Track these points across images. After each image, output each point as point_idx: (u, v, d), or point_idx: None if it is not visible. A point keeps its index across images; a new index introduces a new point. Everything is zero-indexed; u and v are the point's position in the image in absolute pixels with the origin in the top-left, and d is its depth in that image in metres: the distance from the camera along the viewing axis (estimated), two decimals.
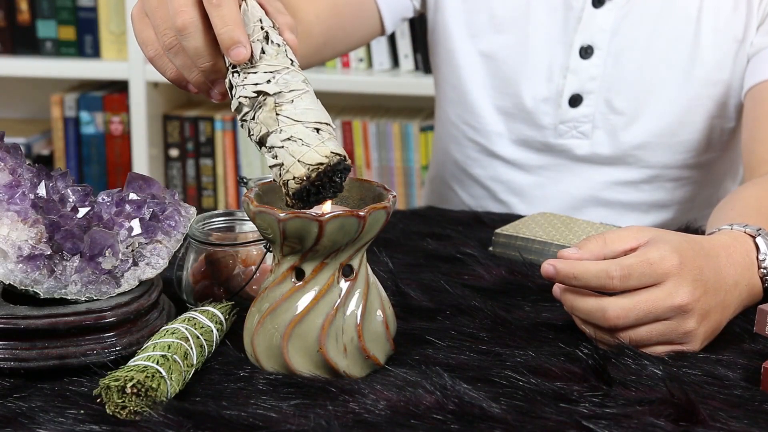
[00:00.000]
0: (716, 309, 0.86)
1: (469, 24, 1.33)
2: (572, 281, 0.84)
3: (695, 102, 1.29)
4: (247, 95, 0.80)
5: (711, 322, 0.86)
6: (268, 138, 0.79)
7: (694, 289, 0.84)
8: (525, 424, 0.73)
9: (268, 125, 0.79)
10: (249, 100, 0.80)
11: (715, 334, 0.87)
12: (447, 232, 1.16)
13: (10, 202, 0.83)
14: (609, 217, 1.33)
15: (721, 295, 0.86)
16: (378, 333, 0.81)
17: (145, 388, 0.73)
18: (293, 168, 0.77)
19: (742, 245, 0.91)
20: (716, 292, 0.86)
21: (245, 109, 0.81)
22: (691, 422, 0.73)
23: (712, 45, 1.26)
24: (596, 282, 0.83)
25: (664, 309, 0.83)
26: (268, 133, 0.79)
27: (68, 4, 2.31)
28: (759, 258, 0.91)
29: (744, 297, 0.90)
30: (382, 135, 2.29)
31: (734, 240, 0.91)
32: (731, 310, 0.88)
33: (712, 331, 0.86)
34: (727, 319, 0.89)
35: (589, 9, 1.28)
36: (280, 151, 0.78)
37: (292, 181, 0.77)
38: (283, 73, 0.81)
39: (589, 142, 1.31)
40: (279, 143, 0.78)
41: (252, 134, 0.80)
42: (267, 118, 0.79)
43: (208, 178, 2.38)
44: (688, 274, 0.84)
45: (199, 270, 0.93)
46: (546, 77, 1.31)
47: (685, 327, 0.84)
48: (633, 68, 1.29)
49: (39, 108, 2.51)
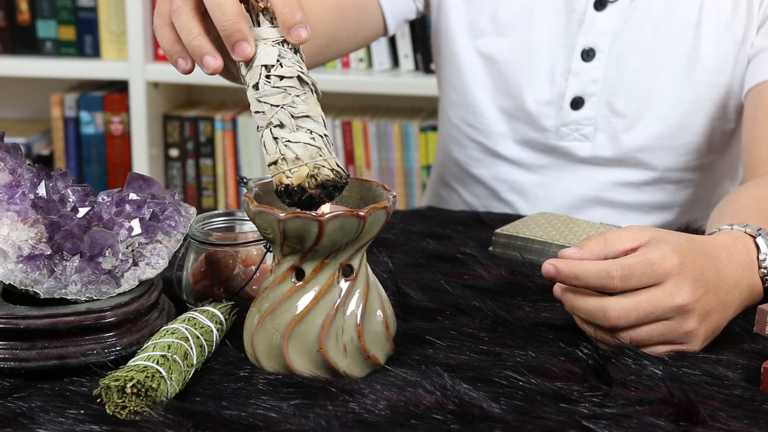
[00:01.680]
0: (717, 309, 0.86)
1: (472, 26, 1.34)
2: (573, 281, 0.84)
3: (696, 104, 1.29)
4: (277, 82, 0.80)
5: (712, 323, 0.86)
6: (281, 130, 0.79)
7: (695, 289, 0.84)
8: (525, 424, 0.73)
9: (281, 118, 0.79)
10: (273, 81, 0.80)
11: (716, 334, 0.87)
12: (447, 232, 1.16)
13: (10, 202, 0.83)
14: (611, 217, 1.33)
15: (721, 295, 0.86)
16: (378, 333, 0.81)
17: (145, 388, 0.73)
18: (294, 171, 0.77)
19: (743, 245, 0.91)
20: (717, 292, 0.86)
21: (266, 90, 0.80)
22: (691, 422, 0.73)
23: (713, 47, 1.26)
24: (597, 282, 0.83)
25: (664, 309, 0.83)
26: (282, 125, 0.79)
27: (68, 4, 2.31)
28: (759, 258, 0.91)
29: (744, 297, 0.90)
30: (382, 135, 2.29)
31: (735, 240, 0.91)
32: (732, 311, 0.88)
33: (712, 332, 0.86)
34: (728, 319, 0.88)
35: (591, 12, 1.28)
36: (282, 147, 0.78)
37: (290, 184, 0.78)
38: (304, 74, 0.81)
39: (590, 144, 1.32)
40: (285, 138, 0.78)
41: (263, 112, 0.80)
42: (283, 110, 0.79)
43: (208, 178, 2.38)
44: (689, 274, 0.84)
45: (199, 270, 0.93)
46: (548, 80, 1.31)
47: (685, 327, 0.84)
48: (634, 71, 1.29)
49: (39, 108, 2.51)
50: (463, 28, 1.34)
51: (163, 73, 2.28)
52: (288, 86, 0.80)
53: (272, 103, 0.79)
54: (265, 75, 0.80)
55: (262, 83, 0.80)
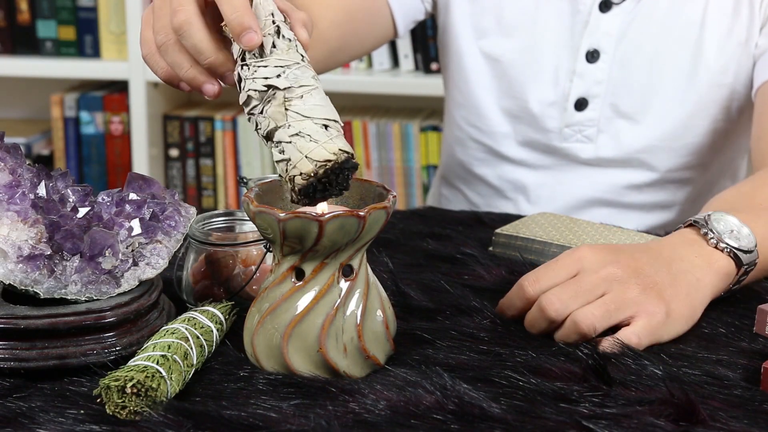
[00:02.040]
0: (662, 276, 0.88)
1: (477, 27, 1.34)
2: (509, 312, 0.90)
3: (700, 106, 1.29)
4: (257, 89, 0.80)
5: (666, 290, 0.87)
6: (276, 132, 0.79)
7: (617, 260, 0.87)
8: (525, 424, 0.73)
9: (277, 120, 0.79)
10: (258, 94, 0.80)
11: (692, 304, 0.89)
12: (447, 232, 1.16)
13: (10, 202, 0.83)
14: (612, 217, 1.33)
15: (662, 264, 0.88)
16: (378, 333, 0.81)
17: (145, 388, 0.73)
18: (300, 164, 0.77)
19: (677, 233, 0.94)
20: (652, 263, 0.88)
21: (254, 103, 0.80)
22: (691, 422, 0.73)
23: (717, 49, 1.26)
24: (518, 299, 0.89)
25: (593, 282, 0.86)
26: (276, 127, 0.79)
27: (68, 4, 2.31)
28: (701, 233, 0.93)
29: (702, 266, 0.91)
30: (382, 135, 2.29)
31: (668, 234, 0.95)
32: (692, 280, 0.89)
33: (678, 300, 0.87)
34: (698, 288, 0.89)
35: (595, 13, 1.28)
36: (287, 146, 0.78)
37: (299, 177, 0.77)
38: (293, 68, 0.81)
39: (593, 146, 1.32)
40: (287, 138, 0.78)
41: (259, 128, 0.80)
42: (276, 112, 0.79)
43: (208, 178, 2.38)
44: (603, 249, 0.89)
45: (199, 270, 0.93)
46: (552, 81, 1.31)
47: (630, 294, 0.86)
48: (638, 73, 1.29)
49: (39, 108, 2.51)
50: (467, 28, 1.34)
51: None
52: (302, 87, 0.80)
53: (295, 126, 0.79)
54: (274, 96, 0.80)
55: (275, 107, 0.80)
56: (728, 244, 0.92)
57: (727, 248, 0.92)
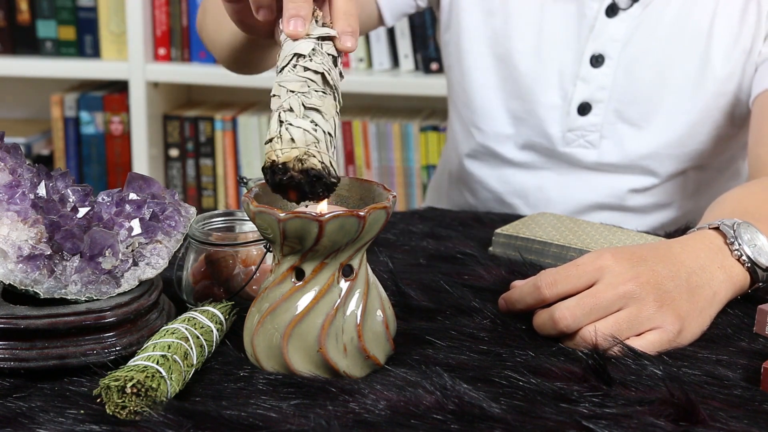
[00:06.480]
0: (681, 292, 0.86)
1: (484, 27, 1.33)
2: (518, 306, 0.89)
3: (705, 114, 1.28)
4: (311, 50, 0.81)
5: (682, 306, 0.86)
6: (289, 114, 0.77)
7: (637, 275, 0.85)
8: (525, 424, 0.73)
9: (292, 103, 0.78)
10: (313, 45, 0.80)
11: (703, 320, 0.88)
12: (447, 232, 1.16)
13: (10, 202, 0.83)
14: (613, 219, 1.33)
15: (682, 277, 0.87)
16: (378, 333, 0.81)
17: (145, 388, 0.73)
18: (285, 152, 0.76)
19: (702, 236, 0.92)
20: (674, 277, 0.86)
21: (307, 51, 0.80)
22: (691, 422, 0.73)
23: (723, 57, 1.26)
24: (531, 298, 0.87)
25: (609, 299, 0.84)
26: (291, 109, 0.77)
27: (68, 4, 2.31)
28: (728, 242, 0.91)
29: (722, 280, 0.89)
30: (382, 135, 2.29)
31: (692, 235, 0.93)
32: (709, 295, 0.88)
33: (692, 317, 0.86)
34: (712, 303, 0.88)
35: (602, 18, 1.28)
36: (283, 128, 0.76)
37: (276, 160, 0.75)
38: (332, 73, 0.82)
39: (596, 151, 1.31)
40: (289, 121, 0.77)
41: (278, 96, 0.79)
42: (296, 97, 0.78)
43: (208, 178, 2.38)
44: (625, 263, 0.85)
45: (199, 270, 0.93)
46: (556, 84, 1.30)
47: (645, 312, 0.84)
48: (643, 79, 1.28)
49: (39, 108, 2.51)
50: (475, 28, 1.33)
51: (163, 73, 2.28)
52: (310, 79, 0.80)
53: (289, 88, 0.79)
54: (293, 63, 0.80)
55: (288, 69, 0.80)
56: (750, 257, 0.91)
57: (748, 262, 0.91)
